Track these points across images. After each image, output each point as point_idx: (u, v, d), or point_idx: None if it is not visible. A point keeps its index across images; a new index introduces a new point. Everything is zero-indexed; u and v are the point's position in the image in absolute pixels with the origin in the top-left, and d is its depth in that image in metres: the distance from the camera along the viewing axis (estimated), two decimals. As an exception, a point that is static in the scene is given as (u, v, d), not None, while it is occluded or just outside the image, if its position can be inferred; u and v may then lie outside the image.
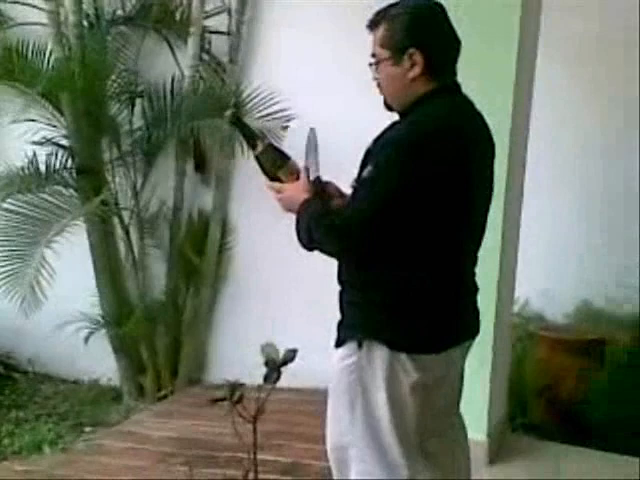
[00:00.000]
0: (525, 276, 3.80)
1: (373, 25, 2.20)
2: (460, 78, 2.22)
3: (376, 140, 2.14)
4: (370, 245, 2.05)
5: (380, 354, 2.10)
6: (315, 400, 4.52)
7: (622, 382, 3.87)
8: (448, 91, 2.19)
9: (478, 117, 2.22)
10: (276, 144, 2.36)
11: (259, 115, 4.82)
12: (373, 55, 2.21)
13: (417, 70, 2.12)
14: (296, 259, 4.98)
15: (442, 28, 2.18)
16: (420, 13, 2.17)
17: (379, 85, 2.23)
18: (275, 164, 2.27)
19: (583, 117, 4.48)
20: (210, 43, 5.13)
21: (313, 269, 4.96)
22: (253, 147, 2.29)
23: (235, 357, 5.15)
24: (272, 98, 4.80)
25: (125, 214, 5.15)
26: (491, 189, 2.25)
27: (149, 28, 5.19)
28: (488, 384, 3.45)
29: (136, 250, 5.16)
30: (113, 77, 5.06)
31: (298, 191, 2.23)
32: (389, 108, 2.25)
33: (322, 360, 3.72)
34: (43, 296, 4.31)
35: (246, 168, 4.93)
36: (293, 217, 4.83)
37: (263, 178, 4.76)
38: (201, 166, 5.21)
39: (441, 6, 2.21)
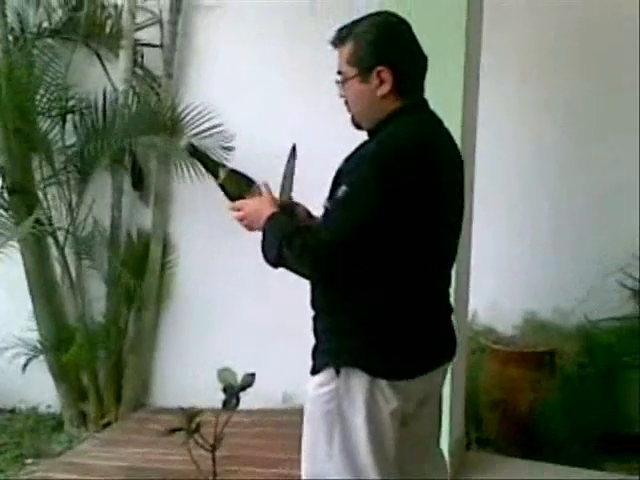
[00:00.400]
0: (473, 289, 3.79)
1: (338, 42, 2.16)
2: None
3: (347, 159, 2.09)
4: (346, 267, 1.99)
5: (359, 381, 2.05)
6: (265, 421, 4.43)
7: (574, 393, 3.90)
8: (416, 108, 2.16)
9: (446, 134, 2.19)
10: (237, 168, 2.27)
11: (194, 132, 4.68)
12: (339, 72, 2.17)
13: (386, 88, 2.09)
14: (240, 276, 4.96)
15: (410, 45, 2.15)
16: (387, 30, 2.13)
17: (346, 102, 2.19)
18: (240, 189, 2.21)
19: (536, 131, 4.49)
20: (143, 56, 4.97)
21: (259, 285, 4.90)
22: (215, 176, 2.21)
23: (180, 379, 5.06)
24: (209, 114, 4.65)
25: (60, 234, 4.95)
26: (462, 206, 2.22)
27: (78, 41, 5.01)
28: (448, 400, 3.41)
29: (73, 271, 4.96)
30: (42, 92, 4.85)
31: (262, 205, 2.17)
32: (357, 126, 2.20)
33: (271, 380, 3.66)
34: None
35: (185, 184, 4.82)
36: (238, 234, 4.77)
37: (204, 194, 4.65)
38: (139, 183, 5.05)
39: (406, 22, 2.17)
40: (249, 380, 3.27)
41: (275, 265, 2.08)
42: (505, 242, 4.52)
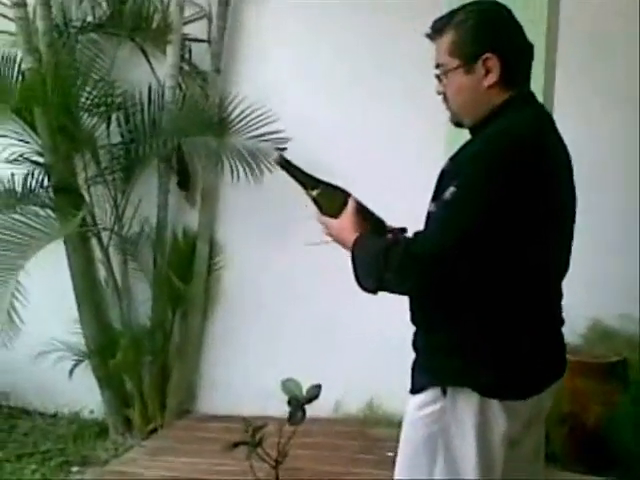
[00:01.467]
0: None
1: (436, 33, 1.98)
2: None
3: (452, 158, 1.92)
4: (457, 277, 1.80)
5: (469, 402, 1.88)
6: (314, 431, 4.25)
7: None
8: (526, 100, 1.98)
9: (556, 130, 2.00)
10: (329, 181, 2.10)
11: (249, 135, 4.54)
12: (437, 66, 1.99)
13: (493, 77, 1.91)
14: (291, 277, 4.80)
15: (515, 30, 1.98)
16: (490, 15, 1.97)
17: (444, 98, 2.01)
18: (334, 203, 2.04)
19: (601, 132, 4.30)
20: (190, 51, 4.82)
21: (310, 288, 4.76)
22: (307, 189, 2.05)
23: (227, 385, 4.91)
24: (264, 116, 4.50)
25: (104, 235, 4.81)
26: (575, 210, 2.02)
27: (123, 36, 4.87)
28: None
29: (118, 273, 4.82)
30: (87, 88, 4.71)
31: (343, 228, 2.01)
32: (457, 124, 2.02)
33: (324, 388, 3.48)
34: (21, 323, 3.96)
35: (232, 184, 4.67)
36: (288, 234, 4.61)
37: (251, 194, 4.51)
38: (185, 182, 4.91)
39: (507, 8, 1.99)
40: (315, 392, 3.10)
41: (374, 290, 1.91)
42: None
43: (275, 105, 4.49)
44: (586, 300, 4.25)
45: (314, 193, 2.05)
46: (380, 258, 1.85)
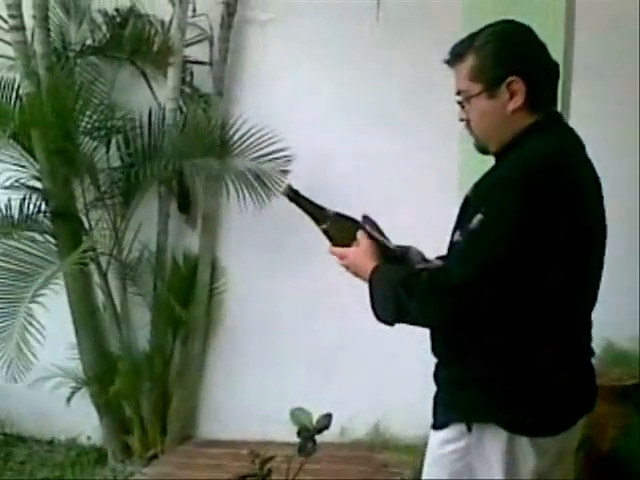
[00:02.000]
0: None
1: (456, 59, 1.95)
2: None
3: (477, 185, 1.89)
4: (484, 307, 1.76)
5: (495, 438, 1.83)
6: (318, 457, 4.17)
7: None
8: (553, 123, 1.94)
9: (584, 151, 1.96)
10: (341, 212, 2.07)
11: (254, 156, 4.50)
12: (458, 93, 1.95)
13: (519, 101, 1.88)
14: (294, 301, 4.75)
15: (539, 50, 1.94)
16: (512, 36, 1.94)
17: (468, 125, 1.97)
18: (345, 234, 2.00)
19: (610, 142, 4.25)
20: (192, 74, 4.79)
21: (315, 310, 4.72)
22: (318, 222, 2.01)
23: (230, 409, 4.86)
24: (267, 136, 4.47)
25: (103, 260, 4.76)
26: (605, 235, 1.97)
27: (122, 59, 4.83)
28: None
29: (117, 298, 4.76)
30: (86, 112, 4.67)
31: (360, 257, 1.96)
32: (482, 150, 1.98)
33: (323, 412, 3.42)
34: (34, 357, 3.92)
35: (234, 207, 4.63)
36: (289, 258, 4.56)
37: (253, 217, 4.46)
38: (186, 206, 4.86)
39: (529, 28, 1.96)
40: (326, 422, 3.03)
41: (392, 322, 1.88)
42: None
43: (278, 129, 4.45)
44: (598, 320, 4.24)
45: (325, 225, 2.01)
46: (402, 287, 1.81)
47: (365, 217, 2.10)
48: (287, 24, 4.57)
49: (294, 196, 2.05)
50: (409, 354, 4.24)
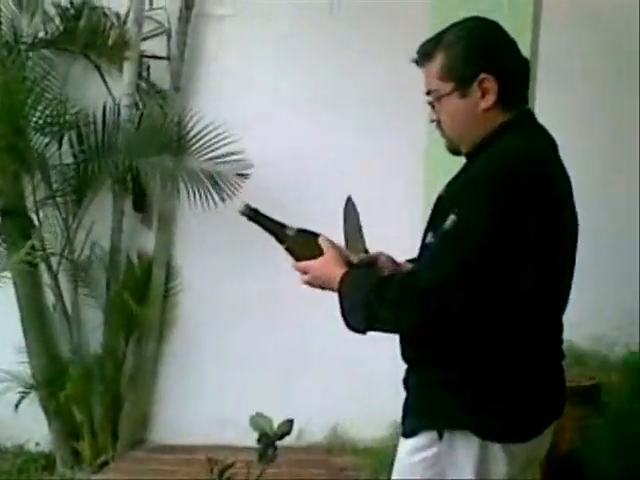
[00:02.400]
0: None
1: (424, 58, 1.87)
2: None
3: (449, 185, 1.83)
4: (457, 312, 1.68)
5: (467, 445, 1.75)
6: (276, 462, 4.08)
7: (622, 431, 3.63)
8: (525, 121, 1.88)
9: (557, 152, 1.90)
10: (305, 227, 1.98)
11: (210, 156, 4.40)
12: (428, 92, 1.88)
13: (490, 99, 1.81)
14: (249, 302, 4.65)
15: (508, 46, 1.88)
16: (482, 33, 1.88)
17: (439, 125, 1.90)
18: (308, 249, 1.92)
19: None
20: (149, 69, 4.67)
21: (270, 312, 4.62)
22: (280, 240, 1.93)
23: (184, 413, 4.74)
24: (224, 135, 4.35)
25: (53, 259, 4.60)
26: (577, 237, 1.91)
27: (76, 52, 4.69)
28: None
29: (68, 299, 4.62)
30: (37, 107, 4.52)
31: (328, 265, 1.87)
32: (454, 151, 1.91)
33: (279, 416, 3.33)
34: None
35: (190, 206, 4.52)
36: (246, 259, 4.46)
37: (209, 217, 4.35)
38: (141, 204, 4.73)
39: (498, 24, 1.90)
40: (287, 428, 2.95)
41: (364, 330, 1.79)
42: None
43: (236, 127, 4.35)
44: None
45: (288, 243, 1.93)
46: (372, 293, 1.74)
47: (349, 199, 2.03)
48: (246, 19, 4.50)
49: (254, 215, 1.96)
50: (366, 357, 4.20)
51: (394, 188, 4.33)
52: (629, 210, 4.26)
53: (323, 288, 1.90)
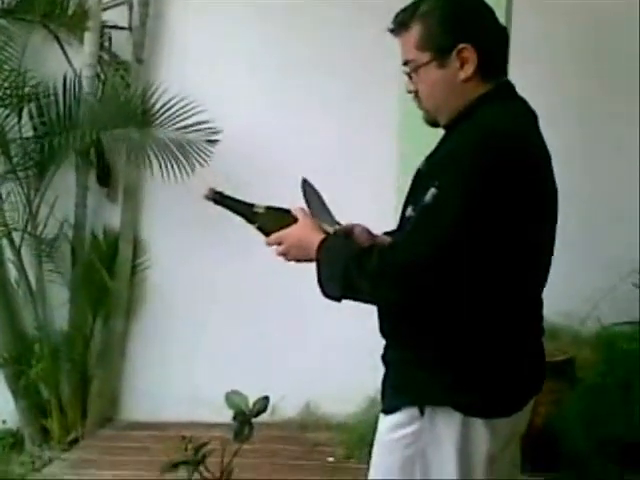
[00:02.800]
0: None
1: (401, 27, 1.83)
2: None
3: (429, 158, 1.80)
4: (438, 286, 1.66)
5: (449, 421, 1.74)
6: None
7: (594, 404, 3.66)
8: (505, 93, 1.85)
9: (537, 124, 1.86)
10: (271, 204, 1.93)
11: (177, 127, 4.29)
12: (405, 63, 1.84)
13: (470, 69, 1.78)
14: (219, 277, 4.59)
15: (487, 15, 1.84)
16: (461, 2, 1.84)
17: (416, 96, 1.86)
18: (280, 224, 1.87)
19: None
20: (110, 40, 4.54)
21: (240, 287, 4.57)
22: (250, 220, 1.88)
23: (153, 390, 4.69)
24: (191, 106, 4.25)
25: (16, 235, 4.50)
26: (557, 210, 1.89)
27: (35, 22, 4.55)
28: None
29: (32, 276, 4.52)
30: (-3, 78, 4.38)
31: (306, 232, 1.83)
32: (432, 123, 1.87)
33: (250, 392, 3.31)
34: None
35: (157, 180, 4.43)
36: (215, 233, 4.39)
37: (177, 190, 4.26)
38: (105, 178, 4.63)
39: None
40: (262, 405, 2.92)
41: (339, 297, 1.76)
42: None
43: (201, 99, 4.26)
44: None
45: (258, 222, 1.88)
46: (353, 262, 1.70)
47: (305, 181, 1.98)
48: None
49: (219, 198, 1.90)
50: (339, 332, 4.19)
51: (368, 167, 4.29)
52: (594, 190, 4.27)
53: (298, 260, 1.86)
